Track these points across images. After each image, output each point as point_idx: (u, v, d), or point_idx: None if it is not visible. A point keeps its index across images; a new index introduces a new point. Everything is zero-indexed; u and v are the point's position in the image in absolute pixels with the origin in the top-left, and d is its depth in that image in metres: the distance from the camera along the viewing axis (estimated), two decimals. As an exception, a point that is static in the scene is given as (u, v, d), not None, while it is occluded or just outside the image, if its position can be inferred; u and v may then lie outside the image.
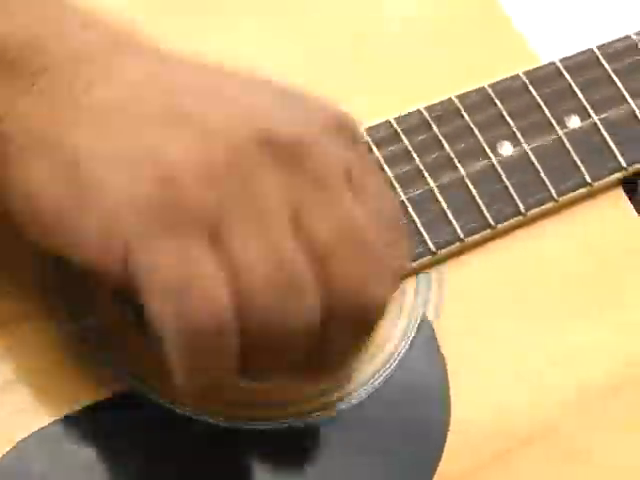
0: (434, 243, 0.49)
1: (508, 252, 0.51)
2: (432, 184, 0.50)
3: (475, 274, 0.50)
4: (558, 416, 0.47)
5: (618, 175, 0.53)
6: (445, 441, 0.45)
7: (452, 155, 0.51)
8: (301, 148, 0.35)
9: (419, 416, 0.47)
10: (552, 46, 0.59)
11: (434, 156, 0.51)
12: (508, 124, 0.53)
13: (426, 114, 0.51)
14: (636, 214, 0.53)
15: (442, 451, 0.45)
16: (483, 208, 0.50)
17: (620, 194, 0.54)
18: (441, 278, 0.50)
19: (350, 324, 0.36)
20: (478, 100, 0.53)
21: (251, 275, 0.34)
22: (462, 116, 0.52)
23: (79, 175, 0.34)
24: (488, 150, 0.52)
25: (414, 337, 0.47)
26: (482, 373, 0.48)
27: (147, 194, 0.34)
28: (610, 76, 0.55)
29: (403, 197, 0.49)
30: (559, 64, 0.55)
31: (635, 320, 0.51)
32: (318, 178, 0.35)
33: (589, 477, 0.47)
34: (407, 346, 0.47)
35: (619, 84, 0.55)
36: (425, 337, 0.48)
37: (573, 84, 0.55)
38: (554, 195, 0.52)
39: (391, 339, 0.47)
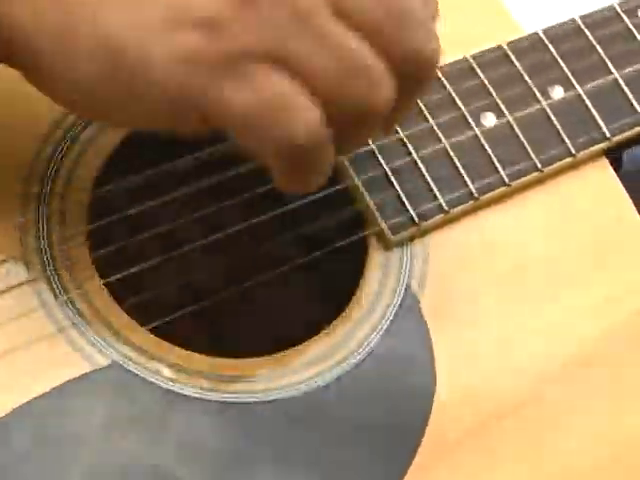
0: (417, 214, 0.49)
1: (492, 223, 0.51)
2: (415, 155, 0.50)
3: (459, 246, 0.50)
4: (541, 386, 0.47)
5: (602, 145, 0.53)
6: (430, 413, 0.45)
7: (435, 127, 0.51)
8: None
9: (404, 389, 0.46)
10: (535, 17, 0.58)
11: (416, 128, 0.50)
12: (491, 95, 0.52)
13: None
14: (620, 184, 0.53)
15: (426, 424, 0.45)
16: (467, 179, 0.50)
17: (605, 164, 0.54)
18: (425, 249, 0.49)
19: (415, 81, 0.39)
20: (460, 71, 0.53)
21: (328, 78, 0.35)
22: (444, 87, 0.52)
23: (123, 56, 0.34)
24: (471, 121, 0.51)
25: (398, 308, 0.47)
26: (465, 344, 0.48)
27: (195, 46, 0.34)
28: (593, 46, 0.55)
29: (386, 168, 0.49)
30: (542, 34, 0.55)
31: (620, 290, 0.51)
32: None
33: (571, 444, 0.47)
34: (391, 318, 0.47)
35: (602, 54, 0.55)
36: (409, 308, 0.47)
37: (556, 54, 0.54)
38: (538, 165, 0.51)
39: (375, 311, 0.47)
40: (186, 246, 0.48)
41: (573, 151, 0.52)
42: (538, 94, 0.53)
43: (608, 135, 0.53)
